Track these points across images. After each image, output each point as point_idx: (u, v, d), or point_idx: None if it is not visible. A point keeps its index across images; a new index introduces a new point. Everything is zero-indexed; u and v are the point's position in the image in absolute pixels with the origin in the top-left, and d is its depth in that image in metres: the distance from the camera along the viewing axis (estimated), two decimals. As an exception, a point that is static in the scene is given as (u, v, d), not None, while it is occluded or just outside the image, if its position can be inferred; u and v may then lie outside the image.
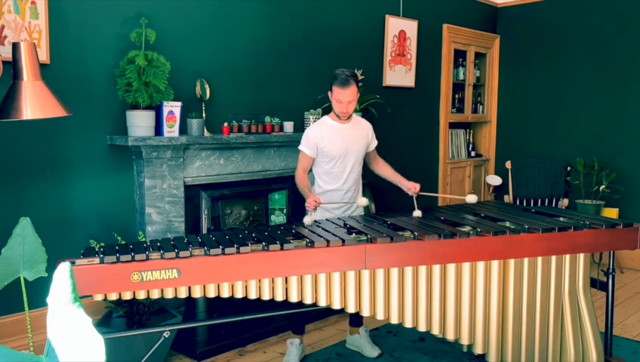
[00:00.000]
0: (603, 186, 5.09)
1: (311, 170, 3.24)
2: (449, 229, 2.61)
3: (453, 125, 5.99)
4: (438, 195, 3.20)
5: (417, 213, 3.00)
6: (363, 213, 3.35)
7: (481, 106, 6.28)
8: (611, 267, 2.96)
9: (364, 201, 3.09)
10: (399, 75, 5.21)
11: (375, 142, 3.35)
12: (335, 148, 3.12)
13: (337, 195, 3.19)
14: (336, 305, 2.46)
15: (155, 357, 2.82)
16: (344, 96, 3.02)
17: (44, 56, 3.01)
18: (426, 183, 5.81)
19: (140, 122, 3.30)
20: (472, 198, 3.10)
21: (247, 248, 2.30)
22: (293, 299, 2.40)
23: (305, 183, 3.12)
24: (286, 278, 2.38)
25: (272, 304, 2.46)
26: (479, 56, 6.19)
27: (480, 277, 2.62)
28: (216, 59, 3.84)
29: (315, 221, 2.91)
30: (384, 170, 3.38)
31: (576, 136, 5.67)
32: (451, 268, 2.57)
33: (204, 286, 2.28)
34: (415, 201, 3.11)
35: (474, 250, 2.56)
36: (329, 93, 3.11)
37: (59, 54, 3.11)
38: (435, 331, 2.60)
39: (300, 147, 3.17)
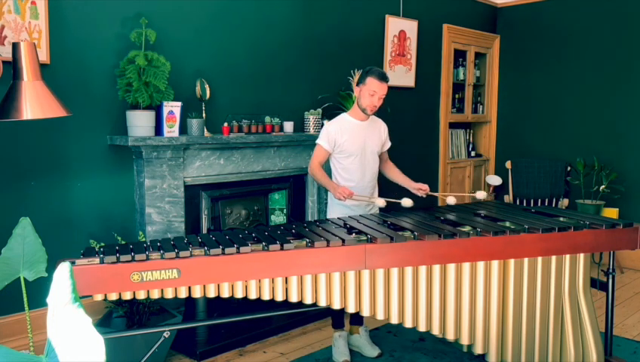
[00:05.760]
0: (603, 186, 5.09)
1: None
2: (449, 229, 2.61)
3: (453, 125, 5.99)
4: (438, 194, 3.26)
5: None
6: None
7: (481, 106, 6.28)
8: (611, 267, 2.96)
9: (381, 202, 3.13)
10: (399, 75, 5.21)
11: (389, 144, 3.42)
12: (354, 145, 3.19)
13: (356, 191, 3.21)
14: (336, 305, 2.46)
15: (155, 357, 2.82)
16: (380, 89, 3.06)
17: (44, 56, 3.01)
18: (427, 183, 5.82)
19: (139, 122, 3.30)
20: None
21: (247, 248, 2.30)
22: (293, 299, 2.40)
23: (323, 174, 3.18)
24: (286, 278, 2.38)
25: (272, 304, 2.46)
26: (479, 56, 6.19)
27: (480, 277, 2.62)
28: (216, 59, 3.84)
29: (316, 221, 2.90)
30: (393, 172, 3.44)
31: (576, 136, 5.67)
32: (451, 268, 2.57)
33: (204, 286, 2.28)
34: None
35: (474, 250, 2.56)
36: (356, 87, 3.15)
37: (59, 54, 3.10)
38: (435, 331, 2.60)
39: (318, 141, 3.22)
